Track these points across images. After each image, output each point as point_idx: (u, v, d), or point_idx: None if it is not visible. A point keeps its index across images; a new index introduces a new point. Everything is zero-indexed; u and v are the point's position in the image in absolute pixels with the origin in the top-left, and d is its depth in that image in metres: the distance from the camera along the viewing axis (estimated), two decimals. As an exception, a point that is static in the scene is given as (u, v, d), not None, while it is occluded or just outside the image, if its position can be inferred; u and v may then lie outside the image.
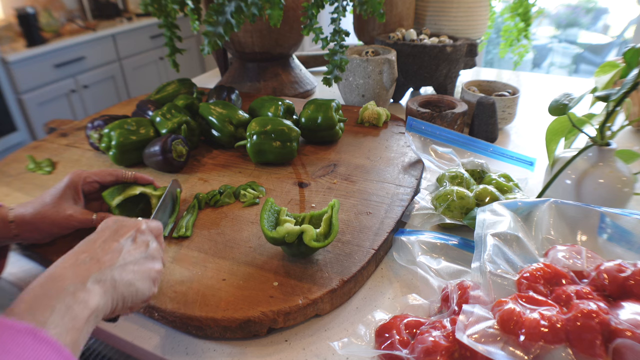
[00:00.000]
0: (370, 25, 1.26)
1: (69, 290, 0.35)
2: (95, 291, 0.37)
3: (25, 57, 2.45)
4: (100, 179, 0.64)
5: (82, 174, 0.62)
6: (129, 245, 0.43)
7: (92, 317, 0.36)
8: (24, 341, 0.29)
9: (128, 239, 0.43)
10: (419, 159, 0.80)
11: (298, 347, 0.50)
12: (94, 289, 0.37)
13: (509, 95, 0.99)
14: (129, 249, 0.42)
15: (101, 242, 0.42)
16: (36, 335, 0.30)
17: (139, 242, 0.44)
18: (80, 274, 0.37)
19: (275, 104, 0.89)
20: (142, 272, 0.42)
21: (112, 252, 0.41)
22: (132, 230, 0.44)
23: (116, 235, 0.43)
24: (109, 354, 0.72)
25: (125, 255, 0.42)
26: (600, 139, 0.63)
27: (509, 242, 0.52)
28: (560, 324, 0.37)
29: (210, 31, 0.76)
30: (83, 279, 0.37)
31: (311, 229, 0.54)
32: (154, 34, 3.16)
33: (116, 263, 0.40)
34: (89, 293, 0.36)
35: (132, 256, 0.42)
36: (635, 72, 0.58)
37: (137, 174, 0.67)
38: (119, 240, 0.42)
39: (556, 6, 3.49)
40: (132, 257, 0.42)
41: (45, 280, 0.35)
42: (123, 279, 0.40)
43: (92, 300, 0.36)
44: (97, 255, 0.40)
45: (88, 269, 0.38)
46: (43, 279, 0.36)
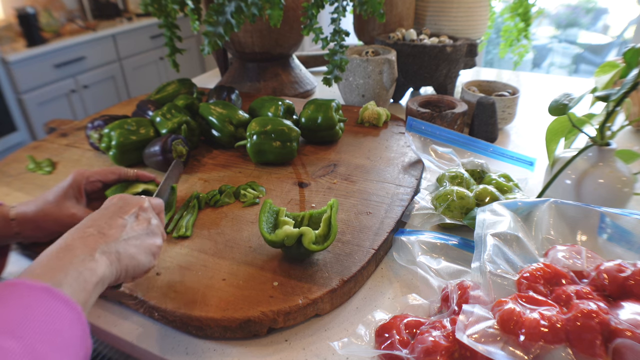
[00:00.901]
0: (370, 25, 1.26)
1: (79, 258, 0.39)
2: (102, 261, 0.40)
3: (25, 57, 2.45)
4: (103, 178, 0.65)
5: (85, 173, 0.63)
6: (132, 222, 0.46)
7: (100, 283, 0.40)
8: (42, 297, 0.33)
9: (131, 215, 0.47)
10: (419, 159, 0.80)
11: (298, 347, 0.50)
12: (100, 259, 0.40)
13: (509, 95, 0.99)
14: (132, 225, 0.46)
15: (107, 217, 0.45)
16: (52, 293, 0.34)
17: (141, 219, 0.47)
18: (88, 245, 0.41)
19: (275, 104, 0.89)
20: (144, 246, 0.46)
21: (116, 227, 0.44)
22: (135, 207, 0.48)
23: (120, 211, 0.46)
24: (109, 354, 0.72)
25: (129, 230, 0.45)
26: (600, 139, 0.63)
27: (509, 242, 0.52)
28: (560, 324, 0.37)
29: (210, 31, 0.76)
30: (91, 250, 0.40)
31: (310, 231, 0.54)
32: (154, 34, 3.16)
33: (120, 237, 0.44)
34: (96, 262, 0.40)
35: (135, 231, 0.46)
36: (635, 72, 0.58)
37: (139, 171, 0.68)
38: (123, 216, 0.46)
39: (556, 6, 3.49)
40: (134, 232, 0.45)
41: (58, 250, 0.39)
42: (126, 251, 0.43)
43: (99, 268, 0.40)
44: (103, 230, 0.43)
45: (95, 241, 0.41)
46: (55, 248, 0.39)
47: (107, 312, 0.55)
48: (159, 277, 0.55)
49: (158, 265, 0.57)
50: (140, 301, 0.53)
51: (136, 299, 0.53)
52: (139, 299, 0.52)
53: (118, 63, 3.00)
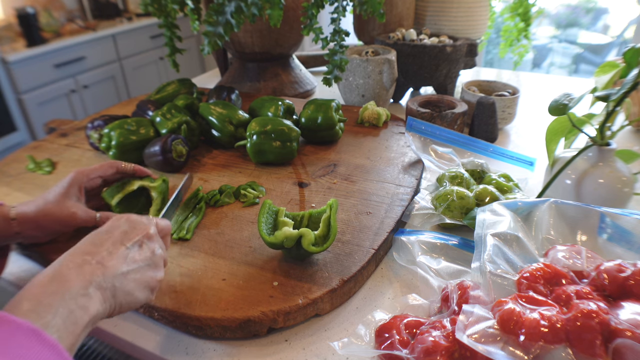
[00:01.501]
0: (370, 25, 1.26)
1: (72, 294, 0.35)
2: (96, 298, 0.37)
3: (25, 57, 2.45)
4: (102, 174, 0.65)
5: (85, 172, 0.63)
6: (135, 252, 0.43)
7: (90, 322, 0.37)
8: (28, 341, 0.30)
9: (135, 244, 0.43)
10: (419, 159, 0.80)
11: (298, 347, 0.50)
12: (95, 295, 0.37)
13: (509, 95, 0.99)
14: (134, 255, 0.42)
15: (109, 244, 0.41)
16: (40, 336, 0.31)
17: (145, 248, 0.44)
18: (84, 278, 0.37)
19: (275, 104, 0.89)
20: (143, 281, 0.42)
21: (117, 257, 0.41)
22: (140, 235, 0.44)
23: (125, 238, 0.43)
24: (109, 354, 0.72)
25: (130, 262, 0.42)
26: (600, 139, 0.63)
27: (509, 242, 0.52)
28: (560, 324, 0.37)
29: (210, 31, 0.76)
30: (86, 284, 0.37)
31: (310, 233, 0.54)
32: (154, 34, 3.16)
33: (119, 270, 0.40)
34: (90, 299, 0.37)
35: (136, 263, 0.42)
36: (635, 72, 0.58)
37: (137, 166, 0.69)
38: (126, 244, 0.42)
39: (556, 6, 3.49)
40: (135, 265, 0.42)
41: (51, 280, 0.36)
42: (123, 287, 0.40)
43: (92, 307, 0.37)
44: (103, 260, 0.40)
45: (92, 272, 0.38)
46: (48, 277, 0.36)
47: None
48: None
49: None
50: (140, 301, 0.53)
51: (136, 299, 0.53)
52: (139, 299, 0.52)
53: (118, 63, 3.01)
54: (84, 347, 0.71)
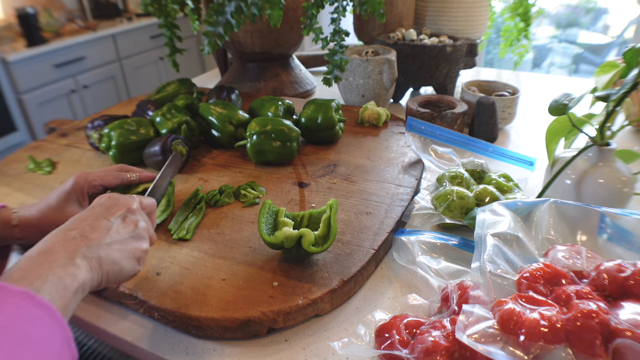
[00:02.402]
0: (370, 25, 1.26)
1: (59, 263, 0.37)
2: (83, 266, 0.39)
3: (25, 57, 2.45)
4: (106, 184, 0.64)
5: (88, 177, 0.62)
6: (118, 224, 0.44)
7: (80, 289, 0.38)
8: (21, 302, 0.32)
9: (118, 217, 0.45)
10: (419, 159, 0.80)
11: (298, 347, 0.50)
12: (81, 264, 0.39)
13: (509, 95, 0.99)
14: (118, 227, 0.44)
15: (92, 219, 0.43)
16: (32, 298, 0.33)
17: (128, 221, 0.46)
18: (69, 249, 0.39)
19: (275, 104, 0.89)
20: (128, 251, 0.44)
21: (100, 230, 0.42)
22: (123, 209, 0.46)
23: (107, 213, 0.44)
24: (109, 354, 0.72)
25: (113, 234, 0.43)
26: (600, 139, 0.63)
27: (509, 242, 0.52)
28: (560, 324, 0.37)
29: (210, 31, 0.76)
30: (72, 254, 0.39)
31: (310, 233, 0.54)
32: (154, 34, 3.16)
33: (103, 241, 0.42)
34: (77, 268, 0.38)
35: (120, 235, 0.44)
36: (635, 72, 0.58)
37: (142, 174, 0.68)
38: (109, 218, 0.44)
39: (556, 6, 3.49)
40: (119, 236, 0.44)
41: (38, 253, 0.38)
42: (109, 257, 0.42)
43: (79, 274, 0.38)
44: (86, 232, 0.41)
45: (77, 244, 0.40)
46: (35, 251, 0.38)
47: (107, 312, 0.55)
48: (158, 277, 0.55)
49: (158, 265, 0.57)
50: (140, 301, 0.53)
51: (136, 299, 0.53)
52: (139, 299, 0.52)
53: (118, 63, 3.01)
54: (84, 347, 0.71)
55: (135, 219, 0.46)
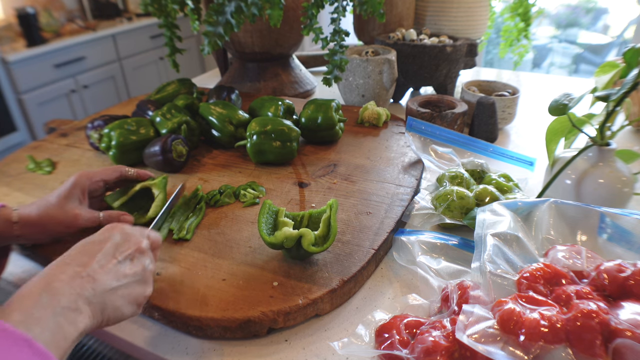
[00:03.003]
0: (370, 25, 1.26)
1: (62, 308, 0.36)
2: (85, 313, 0.37)
3: (25, 57, 2.45)
4: (106, 177, 0.64)
5: (88, 175, 0.62)
6: (126, 266, 0.43)
7: (78, 337, 0.37)
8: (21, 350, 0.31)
9: (127, 258, 0.43)
10: (419, 159, 0.80)
11: (298, 347, 0.50)
12: (84, 309, 0.37)
13: (509, 95, 0.99)
14: (125, 270, 0.42)
15: (101, 256, 0.41)
16: (32, 346, 0.31)
17: (136, 263, 0.44)
18: (74, 291, 0.37)
19: (275, 104, 0.89)
20: (131, 297, 0.43)
21: (108, 271, 0.41)
22: (132, 248, 0.44)
23: (117, 251, 0.43)
24: (109, 354, 0.72)
25: (120, 277, 0.42)
26: (600, 139, 0.63)
27: (509, 242, 0.52)
28: (560, 324, 0.37)
29: (210, 31, 0.76)
30: (76, 297, 0.37)
31: (310, 233, 0.54)
32: (154, 34, 3.16)
33: (109, 286, 0.40)
34: (79, 314, 0.37)
35: (126, 279, 0.42)
36: (635, 72, 0.58)
37: (139, 170, 0.68)
38: (118, 257, 0.42)
39: (556, 6, 3.49)
40: (125, 280, 0.42)
41: (41, 291, 0.36)
42: (113, 303, 0.40)
43: (81, 322, 0.37)
44: (94, 273, 0.40)
45: (83, 286, 0.38)
46: (39, 288, 0.36)
47: (107, 312, 0.55)
48: (159, 277, 0.55)
49: (158, 266, 0.57)
50: (140, 301, 0.53)
51: (136, 299, 0.53)
52: (139, 299, 0.52)
53: (118, 63, 3.01)
54: (84, 347, 0.71)
55: (143, 261, 0.45)
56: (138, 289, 0.43)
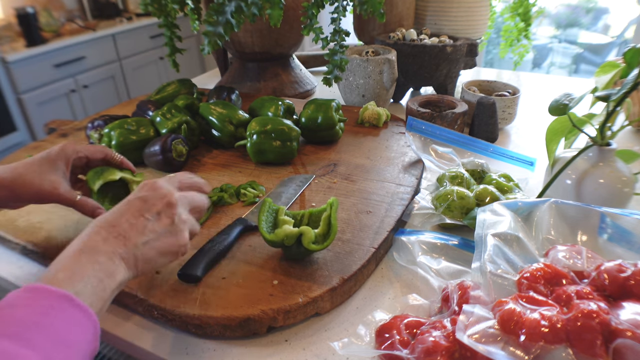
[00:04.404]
0: (370, 25, 1.26)
1: (100, 264, 0.40)
2: (121, 266, 0.41)
3: (25, 57, 2.45)
4: (90, 155, 0.62)
5: (75, 147, 0.60)
6: (154, 222, 0.45)
7: (117, 289, 0.41)
8: (63, 305, 0.35)
9: (154, 214, 0.45)
10: (419, 159, 0.79)
11: (298, 347, 0.49)
12: (120, 264, 0.41)
13: (509, 95, 0.99)
14: (153, 225, 0.45)
15: (129, 215, 0.44)
16: (73, 302, 0.35)
17: (164, 217, 0.46)
18: (109, 250, 0.41)
19: (275, 104, 0.89)
20: (163, 247, 0.45)
21: (137, 229, 0.44)
22: (160, 204, 0.46)
23: (144, 208, 0.45)
24: (109, 354, 0.72)
25: (149, 232, 0.44)
26: (600, 139, 0.63)
27: (509, 242, 0.52)
28: (561, 324, 0.37)
29: (210, 31, 0.76)
30: (112, 255, 0.41)
31: (310, 231, 0.54)
32: (154, 34, 3.16)
33: (140, 241, 0.43)
34: (116, 268, 0.41)
35: (155, 233, 0.45)
36: (635, 72, 0.58)
37: (124, 159, 0.66)
38: (145, 215, 0.45)
39: (556, 6, 3.49)
40: (154, 234, 0.45)
41: (80, 252, 0.40)
42: (144, 256, 0.44)
43: (118, 275, 0.41)
44: (125, 232, 0.43)
45: (116, 245, 0.42)
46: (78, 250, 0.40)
47: (107, 312, 0.55)
48: (158, 276, 0.55)
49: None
50: (139, 300, 0.53)
51: (135, 297, 0.53)
52: (138, 297, 0.52)
53: (118, 63, 3.01)
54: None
55: (171, 214, 0.46)
56: (169, 241, 0.46)
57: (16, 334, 0.31)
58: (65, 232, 0.65)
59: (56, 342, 0.33)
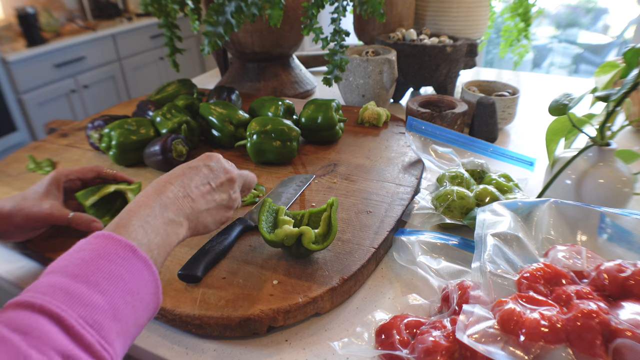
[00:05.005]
0: (370, 25, 1.26)
1: (170, 220, 0.43)
2: (184, 225, 0.45)
3: (25, 57, 2.45)
4: (82, 176, 0.65)
5: (64, 172, 0.63)
6: (217, 193, 0.50)
7: (177, 244, 0.44)
8: (127, 255, 0.37)
9: (218, 184, 0.50)
10: (419, 159, 0.80)
11: (298, 347, 0.50)
12: (184, 223, 0.45)
13: (509, 95, 0.99)
14: (215, 196, 0.50)
15: (199, 179, 0.49)
16: (135, 252, 0.37)
17: (225, 191, 0.51)
18: (178, 209, 0.45)
19: (275, 104, 0.89)
20: (217, 217, 0.50)
21: (203, 195, 0.48)
22: (224, 177, 0.51)
23: (212, 178, 0.50)
24: (109, 354, 0.72)
25: (211, 200, 0.49)
26: (600, 139, 0.63)
27: (509, 242, 0.52)
28: (561, 324, 0.37)
29: (210, 31, 0.76)
30: (180, 212, 0.45)
31: (310, 231, 0.54)
32: (154, 34, 3.16)
33: (203, 207, 0.48)
34: (181, 226, 0.45)
35: (215, 202, 0.50)
36: (635, 72, 0.58)
37: (118, 172, 0.69)
38: (212, 184, 0.50)
39: (556, 6, 3.49)
40: (215, 203, 0.50)
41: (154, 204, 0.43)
42: (204, 220, 0.48)
43: (181, 232, 0.45)
44: (192, 194, 0.47)
45: (184, 204, 0.46)
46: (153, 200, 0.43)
47: (107, 312, 0.55)
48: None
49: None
50: (140, 301, 0.53)
51: (136, 298, 0.53)
52: (139, 298, 0.52)
53: (118, 63, 3.01)
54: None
55: (230, 189, 0.52)
56: (223, 212, 0.51)
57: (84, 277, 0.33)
58: (65, 232, 0.65)
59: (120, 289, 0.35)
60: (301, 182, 0.74)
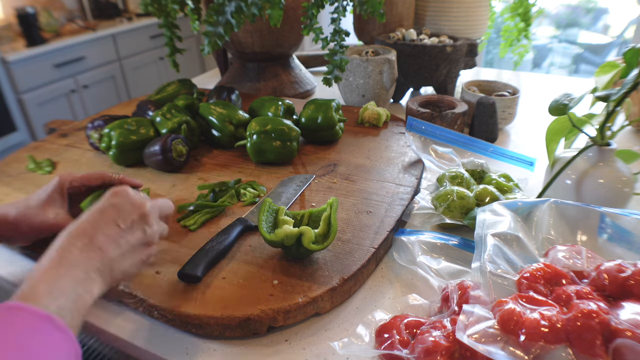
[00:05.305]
0: (370, 25, 1.26)
1: (79, 279, 0.39)
2: (97, 280, 0.41)
3: (25, 57, 2.45)
4: (87, 183, 0.63)
5: (68, 178, 0.62)
6: (128, 232, 0.45)
7: (93, 302, 0.40)
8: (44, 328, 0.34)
9: (130, 225, 0.45)
10: (419, 159, 0.80)
11: (298, 347, 0.50)
12: (96, 278, 0.41)
13: (509, 95, 0.99)
14: (128, 237, 0.45)
15: (103, 225, 0.44)
16: (54, 323, 0.34)
17: (137, 229, 0.46)
18: (87, 263, 0.41)
19: (275, 104, 0.89)
20: (136, 259, 0.46)
21: (113, 241, 0.43)
22: (135, 214, 0.46)
23: (120, 219, 0.45)
24: (109, 354, 0.72)
25: (124, 244, 0.44)
26: (600, 139, 0.63)
27: (509, 242, 0.52)
28: (561, 324, 0.37)
29: (210, 31, 0.76)
30: (89, 269, 0.40)
31: (310, 231, 0.54)
32: (154, 34, 3.16)
33: (115, 253, 0.43)
34: (93, 282, 0.40)
35: (129, 244, 0.45)
36: (635, 72, 0.58)
37: (124, 177, 0.66)
38: (121, 225, 0.44)
39: (556, 6, 3.49)
40: (128, 244, 0.45)
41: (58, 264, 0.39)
42: (119, 267, 0.44)
43: (95, 289, 0.40)
44: (100, 244, 0.42)
45: (93, 258, 0.41)
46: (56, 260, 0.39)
47: (107, 312, 0.55)
48: (158, 276, 0.55)
49: (158, 264, 0.57)
50: (139, 300, 0.53)
51: (136, 297, 0.53)
52: (139, 297, 0.52)
53: (118, 63, 3.01)
54: (84, 347, 0.71)
55: (144, 225, 0.47)
56: (141, 252, 0.46)
57: None
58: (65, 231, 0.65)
59: None
60: (301, 182, 0.74)
